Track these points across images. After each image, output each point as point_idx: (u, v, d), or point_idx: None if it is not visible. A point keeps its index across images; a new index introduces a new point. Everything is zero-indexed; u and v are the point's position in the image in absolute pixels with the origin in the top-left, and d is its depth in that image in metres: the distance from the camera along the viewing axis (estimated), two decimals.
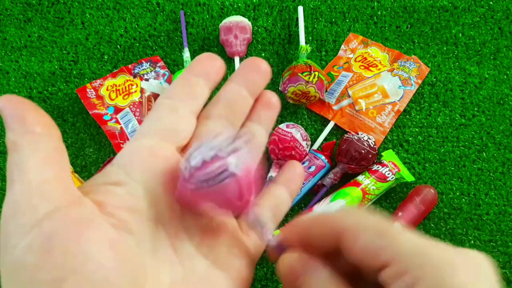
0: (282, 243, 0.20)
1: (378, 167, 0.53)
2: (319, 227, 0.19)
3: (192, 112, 0.22)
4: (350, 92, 0.59)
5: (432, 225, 0.54)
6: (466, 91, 0.60)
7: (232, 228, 0.22)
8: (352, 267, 0.18)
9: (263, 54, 0.62)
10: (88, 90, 0.58)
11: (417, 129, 0.58)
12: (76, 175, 0.53)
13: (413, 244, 0.16)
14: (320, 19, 0.64)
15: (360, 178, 0.52)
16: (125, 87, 0.59)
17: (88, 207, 0.16)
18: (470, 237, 0.53)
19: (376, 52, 0.61)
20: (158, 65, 0.61)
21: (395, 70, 0.59)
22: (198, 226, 0.20)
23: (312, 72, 0.54)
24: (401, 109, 0.58)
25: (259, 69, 0.23)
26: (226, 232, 0.21)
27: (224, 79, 0.23)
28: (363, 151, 0.52)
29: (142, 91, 0.59)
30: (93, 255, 0.15)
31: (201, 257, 0.20)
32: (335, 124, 0.58)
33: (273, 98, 0.25)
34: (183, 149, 0.21)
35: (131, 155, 0.19)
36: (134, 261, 0.16)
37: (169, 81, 0.60)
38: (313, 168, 0.53)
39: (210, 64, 0.22)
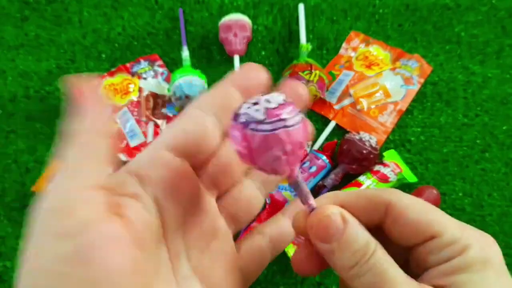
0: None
1: (380, 167, 0.52)
2: (363, 201, 0.19)
3: (217, 127, 0.20)
4: (351, 91, 0.58)
5: None
6: (469, 91, 0.59)
7: (231, 251, 0.22)
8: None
9: (263, 53, 0.62)
10: None
11: (419, 129, 0.57)
12: None
13: (455, 220, 0.18)
14: (321, 17, 0.64)
15: (361, 178, 0.52)
16: (123, 86, 0.58)
17: (117, 224, 0.16)
18: None
19: (378, 51, 0.61)
20: (156, 63, 0.60)
21: (397, 69, 0.59)
22: (198, 246, 0.20)
23: (312, 71, 0.53)
24: (403, 109, 0.57)
25: (257, 77, 0.21)
26: (224, 255, 0.21)
27: (224, 78, 0.22)
28: (364, 151, 0.51)
29: (140, 90, 0.58)
30: (115, 276, 0.15)
31: (197, 281, 0.20)
32: (336, 124, 0.57)
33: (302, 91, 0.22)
34: (201, 165, 0.21)
35: (149, 167, 0.19)
36: (146, 285, 0.17)
37: (167, 80, 0.59)
38: (314, 169, 0.52)
39: (254, 76, 0.21)
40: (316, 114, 0.58)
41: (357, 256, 0.18)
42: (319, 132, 0.57)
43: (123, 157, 0.54)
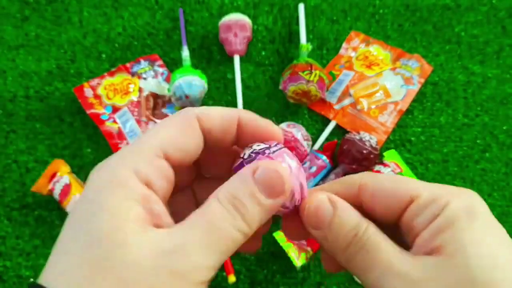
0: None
1: (380, 167, 0.52)
2: (341, 186, 0.20)
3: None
4: (351, 91, 0.58)
5: None
6: (469, 91, 0.59)
7: None
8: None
9: (263, 53, 0.62)
10: (85, 89, 0.58)
11: (419, 129, 0.57)
12: (74, 175, 0.52)
13: (431, 183, 0.18)
14: (321, 17, 0.64)
15: None
16: (123, 86, 0.58)
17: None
18: None
19: (378, 51, 0.61)
20: (156, 63, 0.60)
21: (397, 69, 0.59)
22: None
23: (313, 71, 0.53)
24: (404, 109, 0.57)
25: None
26: None
27: (224, 78, 0.22)
28: (364, 151, 0.51)
29: (140, 90, 0.58)
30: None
31: None
32: (337, 124, 0.57)
33: None
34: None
35: (156, 179, 0.18)
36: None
37: (167, 80, 0.59)
38: (314, 169, 0.52)
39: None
40: (316, 114, 0.58)
41: (349, 237, 0.18)
42: (319, 132, 0.57)
43: None
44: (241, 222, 0.17)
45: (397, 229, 0.19)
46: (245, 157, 0.20)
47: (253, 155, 0.20)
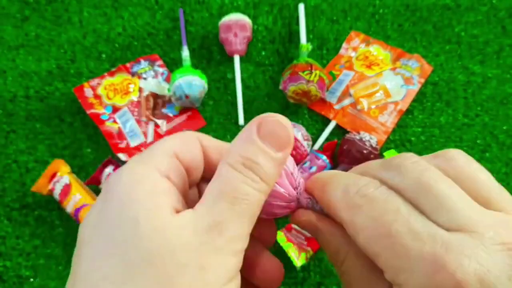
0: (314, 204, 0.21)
1: None
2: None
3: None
4: (351, 91, 0.58)
5: None
6: (469, 91, 0.59)
7: None
8: None
9: (263, 53, 0.62)
10: (85, 89, 0.58)
11: (419, 129, 0.57)
12: (74, 175, 0.52)
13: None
14: (321, 17, 0.64)
15: None
16: (123, 86, 0.58)
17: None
18: None
19: (378, 51, 0.61)
20: (156, 63, 0.60)
21: (397, 69, 0.59)
22: None
23: (313, 71, 0.53)
24: (404, 109, 0.57)
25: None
26: None
27: (224, 78, 0.22)
28: (364, 151, 0.51)
29: (140, 90, 0.58)
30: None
31: None
32: (337, 124, 0.57)
33: None
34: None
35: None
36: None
37: (167, 80, 0.59)
38: (314, 169, 0.52)
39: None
40: (317, 114, 0.58)
41: (333, 259, 0.20)
42: (319, 132, 0.57)
43: (123, 157, 0.54)
44: (261, 182, 0.17)
45: None
46: None
47: None
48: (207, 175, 0.21)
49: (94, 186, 0.53)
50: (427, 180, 0.16)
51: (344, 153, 0.52)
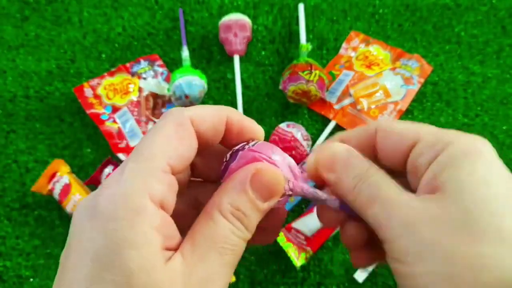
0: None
1: None
2: (360, 132, 0.22)
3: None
4: (351, 91, 0.58)
5: None
6: (469, 91, 0.59)
7: None
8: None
9: (263, 53, 0.62)
10: (85, 89, 0.58)
11: None
12: (74, 175, 0.52)
13: (438, 128, 0.19)
14: (321, 17, 0.64)
15: None
16: (123, 86, 0.58)
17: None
18: None
19: (378, 51, 0.61)
20: (156, 63, 0.60)
21: (397, 69, 0.59)
22: None
23: (312, 71, 0.53)
24: (403, 109, 0.57)
25: None
26: None
27: (224, 78, 0.22)
28: None
29: (140, 90, 0.58)
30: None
31: None
32: (337, 124, 0.57)
33: None
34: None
35: (171, 199, 0.19)
36: None
37: (167, 80, 0.59)
38: None
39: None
40: (316, 114, 0.58)
41: (358, 178, 0.20)
42: (319, 132, 0.57)
43: (123, 157, 0.54)
44: (246, 232, 0.18)
45: (406, 177, 0.20)
46: (227, 159, 0.21)
47: (234, 153, 0.21)
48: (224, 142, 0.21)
49: (94, 186, 0.53)
50: None
51: None
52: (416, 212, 0.17)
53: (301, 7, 0.61)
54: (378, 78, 0.58)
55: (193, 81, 0.54)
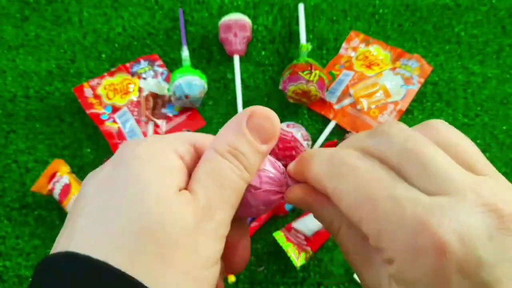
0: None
1: None
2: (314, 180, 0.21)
3: None
4: (351, 91, 0.58)
5: None
6: (469, 91, 0.59)
7: None
8: None
9: (263, 53, 0.62)
10: (85, 89, 0.58)
11: None
12: (74, 175, 0.52)
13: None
14: (321, 17, 0.64)
15: None
16: (123, 86, 0.58)
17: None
18: None
19: (378, 51, 0.61)
20: (156, 63, 0.60)
21: (397, 69, 0.59)
22: None
23: (312, 71, 0.53)
24: (403, 109, 0.57)
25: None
26: None
27: (224, 78, 0.22)
28: None
29: (140, 90, 0.58)
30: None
31: None
32: (337, 124, 0.57)
33: None
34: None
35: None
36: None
37: (167, 80, 0.59)
38: None
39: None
40: (316, 114, 0.58)
41: (327, 228, 0.21)
42: (319, 132, 0.57)
43: None
44: (244, 171, 0.19)
45: None
46: None
47: None
48: None
49: None
50: (412, 146, 0.16)
51: None
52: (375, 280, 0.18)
53: (301, 7, 0.61)
54: (378, 78, 0.58)
55: (193, 81, 0.54)
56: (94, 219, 0.16)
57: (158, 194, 0.16)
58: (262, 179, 0.20)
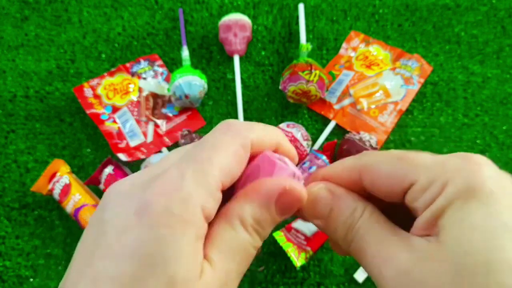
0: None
1: None
2: (341, 172, 0.20)
3: None
4: (351, 91, 0.58)
5: None
6: (469, 91, 0.59)
7: None
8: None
9: (263, 53, 0.62)
10: (85, 89, 0.58)
11: (419, 129, 0.57)
12: (73, 175, 0.52)
13: (432, 158, 0.17)
14: (321, 17, 0.64)
15: None
16: (123, 86, 0.58)
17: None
18: None
19: (378, 51, 0.61)
20: (156, 63, 0.60)
21: (397, 69, 0.59)
22: None
23: (312, 71, 0.53)
24: (403, 109, 0.57)
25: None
26: None
27: (224, 78, 0.22)
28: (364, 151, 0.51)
29: (140, 90, 0.58)
30: None
31: None
32: (336, 124, 0.57)
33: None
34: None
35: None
36: None
37: (167, 79, 0.59)
38: (314, 169, 0.52)
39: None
40: (316, 114, 0.58)
41: (347, 224, 0.19)
42: (319, 132, 0.57)
43: (123, 157, 0.54)
44: (260, 242, 0.19)
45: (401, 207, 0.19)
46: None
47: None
48: None
49: (94, 186, 0.53)
50: None
51: (343, 153, 0.52)
52: (406, 262, 0.16)
53: (301, 7, 0.61)
54: (378, 78, 0.58)
55: (193, 81, 0.54)
56: (117, 242, 0.16)
57: (183, 276, 0.15)
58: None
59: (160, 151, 0.55)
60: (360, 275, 0.48)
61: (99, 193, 0.52)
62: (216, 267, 0.17)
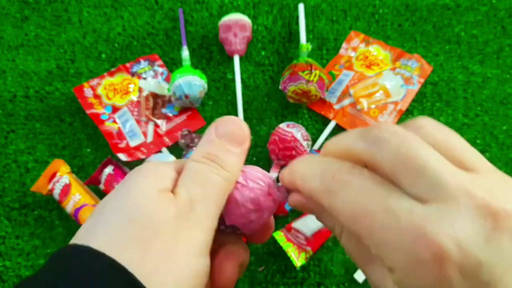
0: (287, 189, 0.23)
1: None
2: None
3: None
4: (351, 91, 0.58)
5: None
6: (469, 91, 0.59)
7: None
8: None
9: (263, 53, 0.62)
10: (85, 89, 0.58)
11: None
12: (73, 175, 0.52)
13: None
14: (321, 17, 0.64)
15: None
16: (123, 86, 0.58)
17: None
18: None
19: (378, 51, 0.61)
20: (156, 63, 0.60)
21: (397, 69, 0.59)
22: None
23: (312, 71, 0.53)
24: (403, 109, 0.57)
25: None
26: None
27: (224, 78, 0.22)
28: None
29: (140, 90, 0.58)
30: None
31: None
32: (337, 124, 0.57)
33: None
34: None
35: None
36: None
37: (167, 80, 0.59)
38: None
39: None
40: (316, 114, 0.58)
41: (324, 175, 0.20)
42: (319, 132, 0.57)
43: (123, 157, 0.54)
44: (223, 170, 0.20)
45: None
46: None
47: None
48: None
49: (94, 186, 0.53)
50: (406, 152, 0.16)
51: None
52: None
53: (301, 7, 0.61)
54: (378, 78, 0.58)
55: (193, 81, 0.54)
56: (96, 217, 0.18)
57: (144, 191, 0.18)
58: (247, 176, 0.21)
59: (160, 151, 0.55)
60: (360, 275, 0.48)
61: (99, 193, 0.52)
62: (178, 193, 0.19)
